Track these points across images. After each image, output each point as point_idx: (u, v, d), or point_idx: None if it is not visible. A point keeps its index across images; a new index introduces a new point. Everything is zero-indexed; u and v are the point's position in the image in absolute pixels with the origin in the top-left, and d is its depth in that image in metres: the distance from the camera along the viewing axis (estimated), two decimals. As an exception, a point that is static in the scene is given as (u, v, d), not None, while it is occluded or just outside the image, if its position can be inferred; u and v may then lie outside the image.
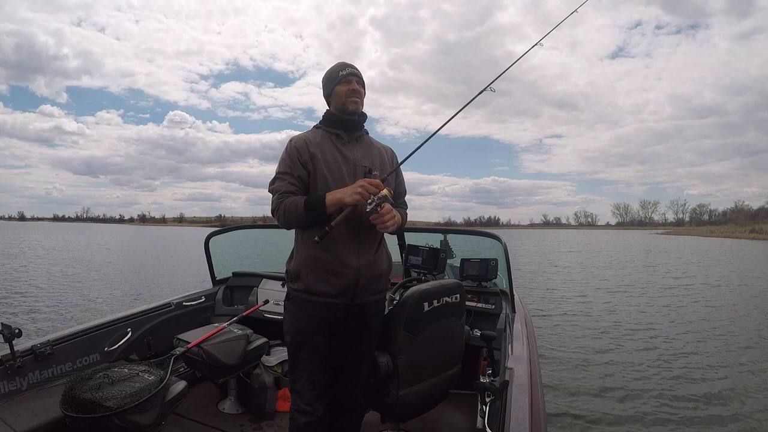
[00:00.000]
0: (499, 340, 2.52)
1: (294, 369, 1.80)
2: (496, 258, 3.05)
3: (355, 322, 1.80)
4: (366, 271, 1.76)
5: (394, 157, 1.96)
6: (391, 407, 1.98)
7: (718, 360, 5.53)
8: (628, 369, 5.15)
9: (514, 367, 1.89)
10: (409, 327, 1.93)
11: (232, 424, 2.61)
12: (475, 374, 2.51)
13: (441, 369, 2.13)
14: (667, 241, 49.88)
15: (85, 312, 7.90)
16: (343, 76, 1.81)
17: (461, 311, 2.19)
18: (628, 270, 17.20)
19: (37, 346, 2.19)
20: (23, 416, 1.89)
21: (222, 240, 3.66)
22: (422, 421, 2.34)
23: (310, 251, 1.73)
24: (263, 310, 3.10)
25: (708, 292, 11.16)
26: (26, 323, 6.78)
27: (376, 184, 1.65)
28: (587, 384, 4.64)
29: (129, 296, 9.63)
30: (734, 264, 19.84)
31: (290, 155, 1.76)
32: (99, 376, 1.86)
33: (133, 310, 2.84)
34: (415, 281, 2.77)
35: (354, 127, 1.84)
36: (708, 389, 4.51)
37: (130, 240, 39.51)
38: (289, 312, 1.81)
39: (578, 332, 6.92)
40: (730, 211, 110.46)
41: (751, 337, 6.66)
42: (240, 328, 2.61)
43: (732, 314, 8.39)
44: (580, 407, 4.05)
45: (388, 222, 1.68)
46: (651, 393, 4.41)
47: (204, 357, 2.33)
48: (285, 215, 1.69)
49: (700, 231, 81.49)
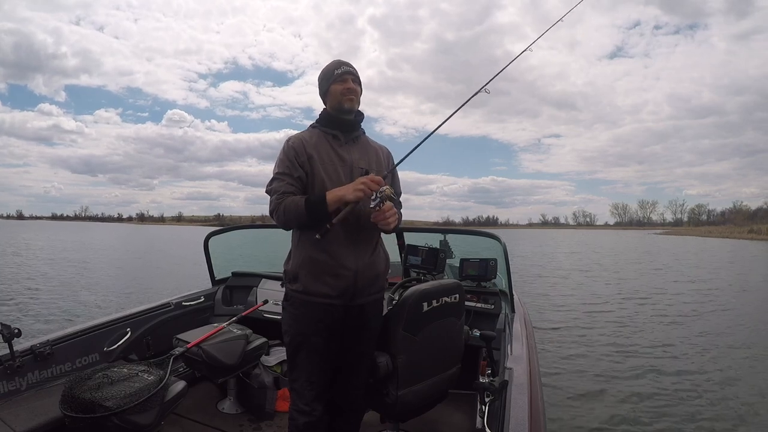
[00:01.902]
0: (498, 340, 2.53)
1: (293, 369, 1.81)
2: (495, 258, 3.05)
3: (354, 322, 1.80)
4: (364, 272, 1.76)
5: (390, 158, 1.95)
6: (390, 407, 1.99)
7: (726, 364, 5.45)
8: (628, 369, 5.16)
9: (513, 367, 1.89)
10: (408, 327, 1.94)
11: (231, 424, 2.61)
12: (474, 374, 2.51)
13: (440, 369, 2.13)
14: (667, 241, 49.92)
15: (85, 312, 7.89)
16: (339, 75, 1.80)
17: (460, 311, 2.19)
18: (629, 271, 17.22)
19: (37, 346, 2.18)
20: (23, 416, 1.89)
21: (221, 240, 3.66)
22: (422, 421, 2.34)
23: (307, 252, 1.73)
24: (262, 310, 3.10)
25: (721, 296, 10.98)
26: (26, 323, 6.76)
27: (378, 180, 1.65)
28: (587, 384, 4.65)
29: (128, 296, 9.62)
30: (738, 264, 19.82)
31: (288, 156, 1.75)
32: (98, 376, 1.85)
33: (132, 310, 2.84)
34: (414, 281, 2.77)
35: (351, 128, 1.84)
36: (711, 389, 4.52)
37: (129, 239, 39.46)
38: (288, 313, 1.81)
39: (578, 332, 6.93)
40: (729, 212, 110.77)
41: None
42: (239, 328, 2.61)
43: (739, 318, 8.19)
44: (579, 407, 4.06)
45: (390, 219, 1.68)
46: (652, 393, 4.42)
47: (203, 357, 2.33)
48: (285, 214, 1.68)
49: (698, 231, 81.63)
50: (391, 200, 1.65)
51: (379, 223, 1.69)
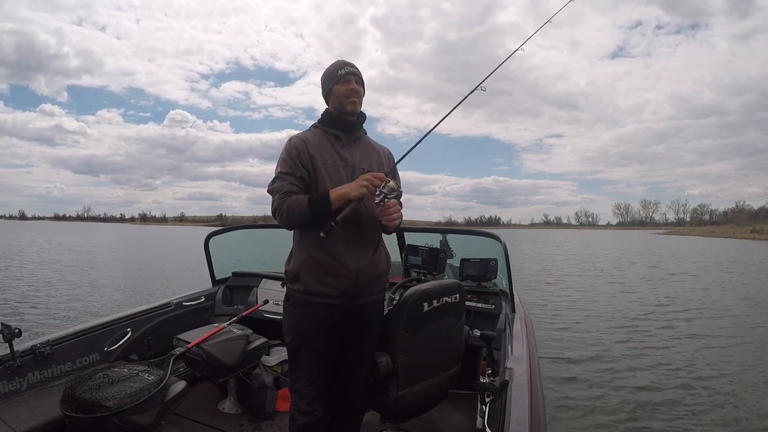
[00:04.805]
0: (498, 340, 2.52)
1: (294, 369, 1.81)
2: (495, 258, 3.05)
3: (355, 322, 1.80)
4: (366, 272, 1.75)
5: (392, 158, 1.95)
6: (390, 407, 1.98)
7: (733, 365, 5.37)
8: (629, 370, 5.14)
9: (513, 367, 1.89)
10: (408, 327, 1.93)
11: (231, 424, 2.61)
12: (474, 374, 2.51)
13: (441, 369, 2.12)
14: (671, 241, 49.82)
15: (85, 312, 7.90)
16: (342, 75, 1.79)
17: (461, 311, 2.18)
18: (629, 270, 17.19)
19: (37, 346, 2.19)
20: (23, 416, 1.89)
21: (222, 240, 3.66)
22: (422, 421, 2.34)
23: (309, 252, 1.72)
24: (263, 310, 3.10)
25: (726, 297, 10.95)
26: (26, 323, 6.77)
27: (380, 176, 1.65)
28: (588, 384, 4.63)
29: (129, 296, 9.63)
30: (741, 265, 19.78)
31: (290, 155, 1.74)
32: (99, 376, 1.86)
33: (132, 310, 2.84)
34: (414, 281, 2.77)
35: (353, 128, 1.83)
36: (714, 389, 4.51)
37: (131, 239, 39.53)
38: (289, 313, 1.81)
39: (579, 332, 6.92)
40: (731, 211, 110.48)
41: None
42: (240, 328, 2.61)
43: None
44: (580, 407, 4.05)
45: (393, 215, 1.68)
46: (653, 393, 4.40)
47: (204, 357, 2.33)
48: (288, 213, 1.68)
49: (701, 231, 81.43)
50: (393, 192, 1.64)
51: (383, 219, 1.69)
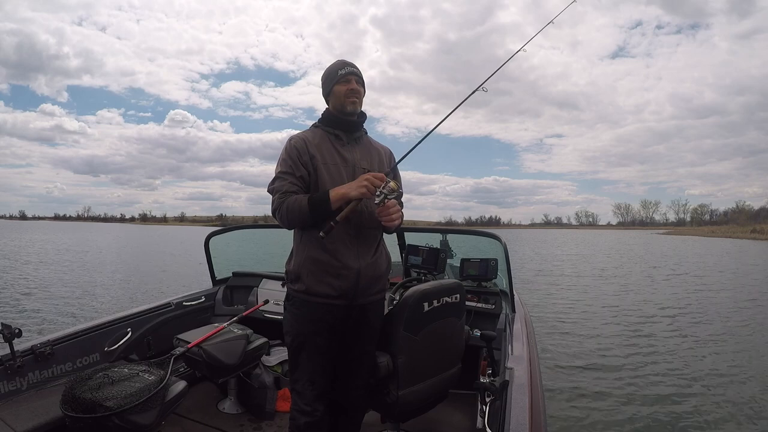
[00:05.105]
0: (499, 340, 2.52)
1: (294, 369, 1.80)
2: (496, 258, 3.05)
3: (355, 322, 1.80)
4: (366, 272, 1.75)
5: (392, 158, 1.95)
6: (391, 407, 1.98)
7: (734, 364, 5.39)
8: (630, 369, 5.14)
9: (514, 367, 1.89)
10: (409, 327, 1.93)
11: (232, 424, 2.61)
12: (475, 374, 2.51)
13: (441, 369, 2.12)
14: (672, 241, 49.77)
15: (85, 312, 7.90)
16: (342, 75, 1.79)
17: (461, 311, 2.18)
18: (631, 271, 17.17)
19: (37, 346, 2.18)
20: (23, 416, 1.89)
21: (222, 240, 3.66)
22: (422, 421, 2.34)
23: (309, 252, 1.72)
24: (263, 310, 3.10)
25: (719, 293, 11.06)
26: (26, 323, 6.78)
27: (380, 176, 1.64)
28: (588, 384, 4.63)
29: (129, 296, 9.63)
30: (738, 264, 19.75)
31: (290, 155, 1.74)
32: (99, 376, 1.85)
33: (133, 310, 2.84)
34: (415, 281, 2.77)
35: (353, 128, 1.83)
36: (715, 389, 4.50)
37: (131, 240, 39.53)
38: (289, 313, 1.81)
39: (580, 332, 6.91)
40: (732, 211, 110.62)
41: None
42: (240, 328, 2.61)
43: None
44: (580, 408, 4.05)
45: (393, 215, 1.67)
46: (653, 393, 4.40)
47: (204, 357, 2.33)
48: (288, 213, 1.67)
49: (701, 231, 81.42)
50: (394, 192, 1.64)
51: (383, 219, 1.69)
